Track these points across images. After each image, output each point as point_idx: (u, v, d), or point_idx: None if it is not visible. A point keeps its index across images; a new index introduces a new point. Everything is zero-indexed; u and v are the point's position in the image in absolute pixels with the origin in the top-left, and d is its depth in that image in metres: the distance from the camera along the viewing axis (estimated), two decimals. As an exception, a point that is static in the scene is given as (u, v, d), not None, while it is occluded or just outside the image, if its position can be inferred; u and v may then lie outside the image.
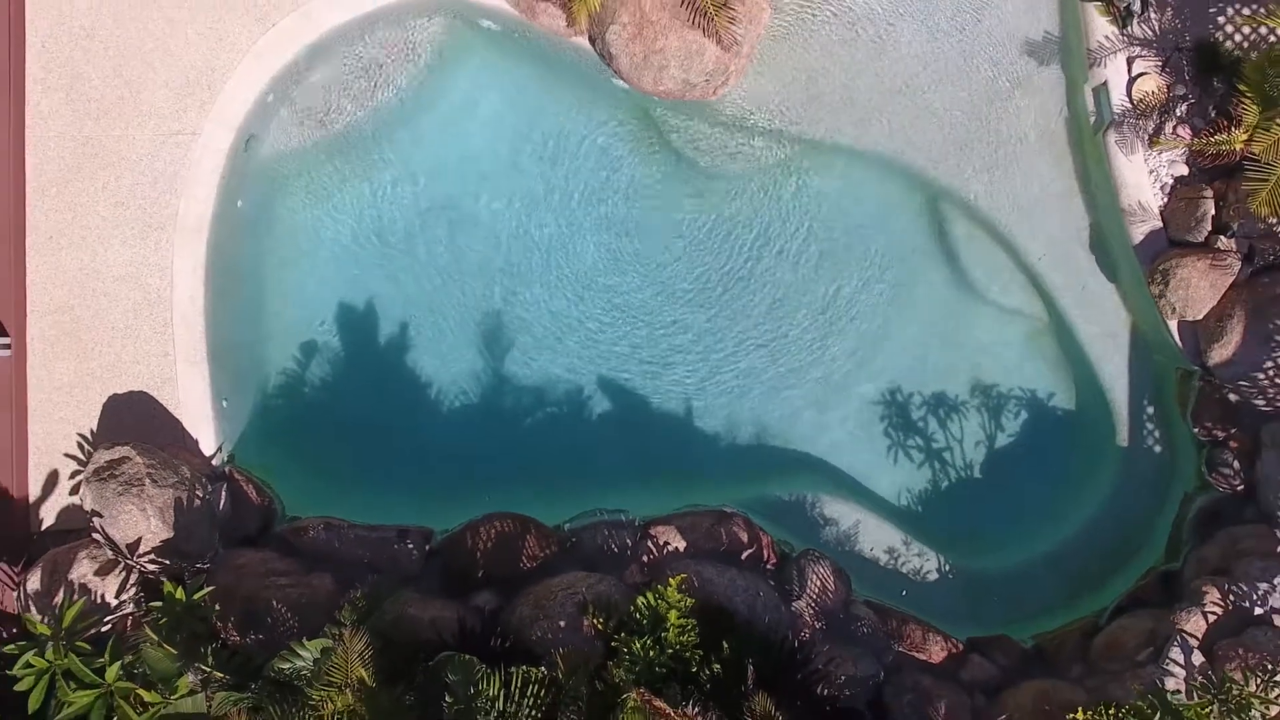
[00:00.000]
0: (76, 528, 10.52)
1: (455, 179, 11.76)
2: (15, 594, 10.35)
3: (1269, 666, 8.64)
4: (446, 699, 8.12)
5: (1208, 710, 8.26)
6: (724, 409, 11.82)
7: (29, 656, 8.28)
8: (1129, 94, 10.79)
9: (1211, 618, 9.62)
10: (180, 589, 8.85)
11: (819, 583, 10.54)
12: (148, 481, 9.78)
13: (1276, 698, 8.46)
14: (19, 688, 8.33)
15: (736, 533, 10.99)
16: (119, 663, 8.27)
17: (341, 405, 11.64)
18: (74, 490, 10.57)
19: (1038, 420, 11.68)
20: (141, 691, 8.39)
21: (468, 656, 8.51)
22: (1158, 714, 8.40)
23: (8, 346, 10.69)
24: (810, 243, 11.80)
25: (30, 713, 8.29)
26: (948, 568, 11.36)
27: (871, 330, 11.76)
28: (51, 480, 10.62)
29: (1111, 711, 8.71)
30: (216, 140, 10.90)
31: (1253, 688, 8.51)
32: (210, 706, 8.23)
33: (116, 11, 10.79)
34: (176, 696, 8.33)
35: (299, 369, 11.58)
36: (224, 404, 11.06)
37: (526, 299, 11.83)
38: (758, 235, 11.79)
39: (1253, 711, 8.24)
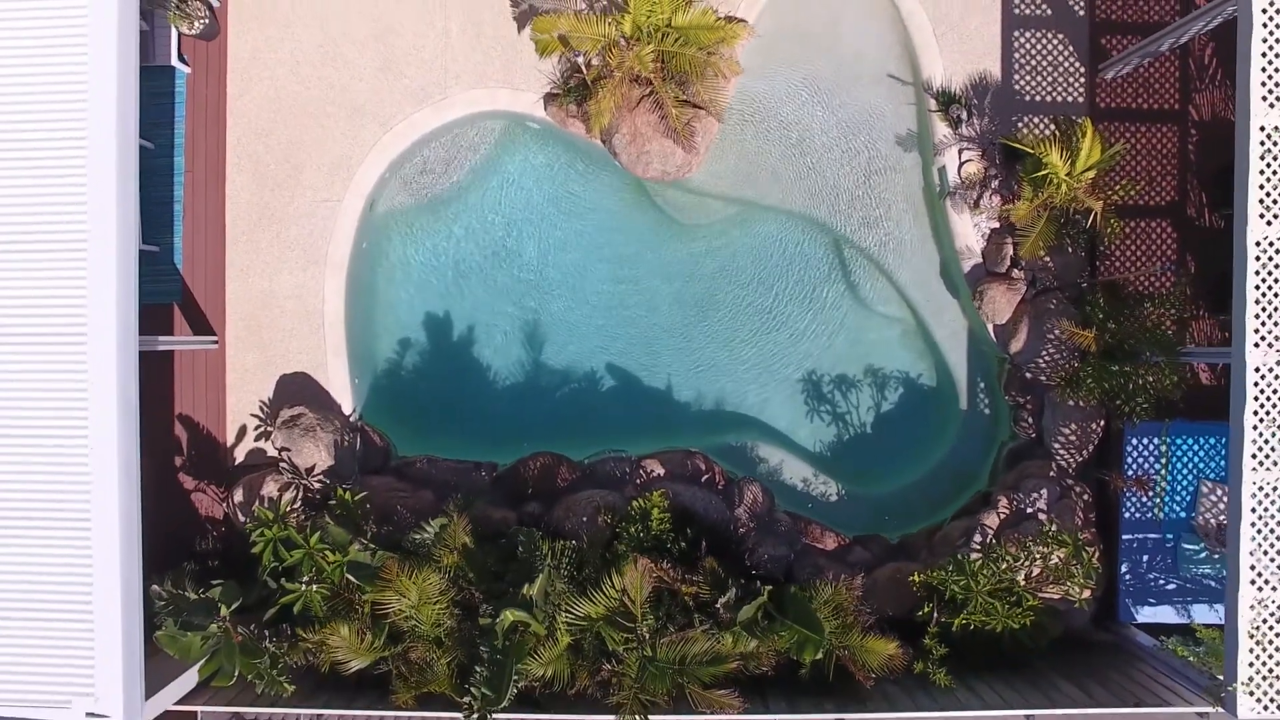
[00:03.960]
0: (258, 463, 13.54)
1: (507, 226, 14.22)
2: (223, 506, 13.43)
3: (1028, 542, 12.31)
4: (519, 550, 11.62)
5: (979, 564, 12.17)
6: (694, 385, 14.26)
7: (262, 529, 11.93)
8: (959, 173, 13.42)
9: (1002, 516, 13.00)
10: (347, 493, 12.36)
11: (752, 498, 13.28)
12: (318, 429, 13.01)
13: (1028, 558, 12.24)
14: (255, 550, 11.85)
15: (699, 465, 13.64)
16: (317, 534, 11.81)
17: (431, 382, 14.11)
18: (258, 439, 13.63)
19: (908, 392, 14.29)
20: (328, 552, 11.78)
21: (530, 528, 12.05)
22: (952, 566, 12.26)
23: (215, 342, 13.51)
24: (752, 270, 14.28)
25: (261, 566, 11.96)
26: (844, 491, 14.10)
27: (796, 332, 14.32)
28: (241, 433, 13.66)
29: (932, 572, 12.43)
30: (352, 205, 13.67)
31: (1014, 552, 12.22)
32: (373, 559, 11.72)
33: (286, 120, 13.57)
34: (349, 557, 11.84)
35: (399, 358, 14.16)
36: (355, 381, 13.79)
37: (556, 309, 14.24)
38: (717, 266, 14.31)
39: (1002, 563, 12.05)
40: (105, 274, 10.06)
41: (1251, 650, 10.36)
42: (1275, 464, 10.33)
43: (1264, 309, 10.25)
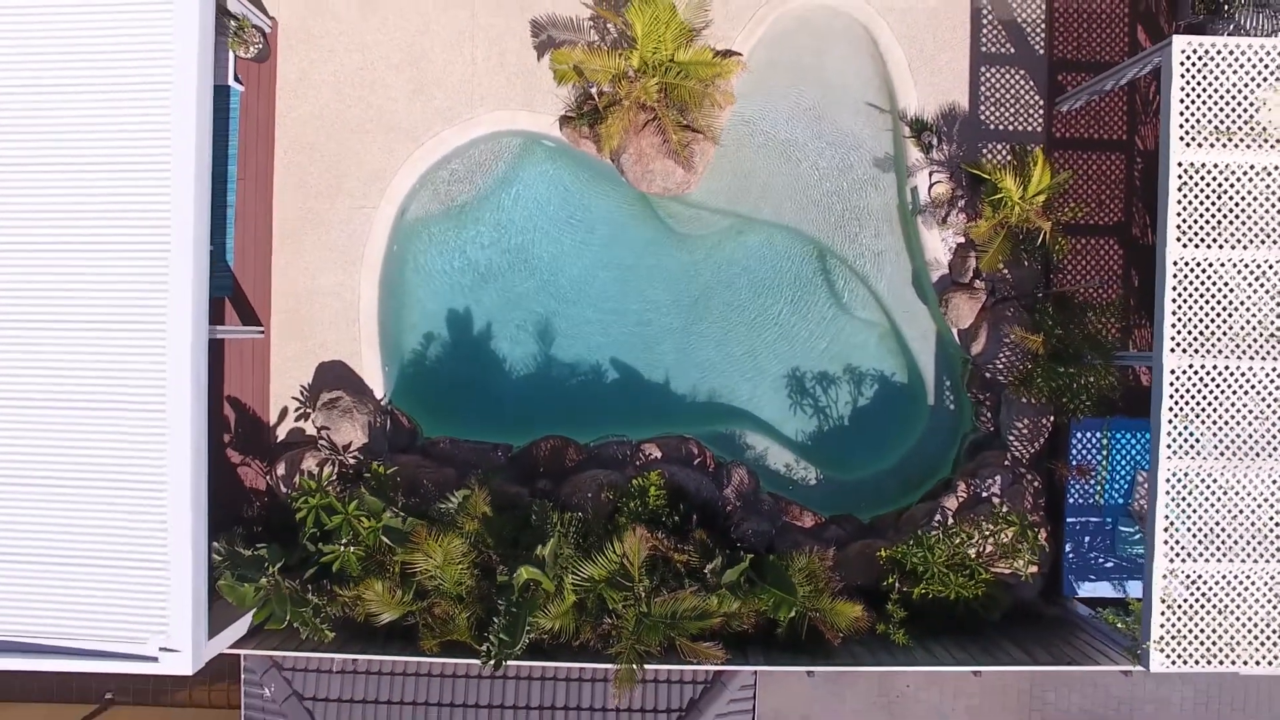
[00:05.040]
0: (297, 441, 14.97)
1: (521, 232, 15.44)
2: (266, 479, 14.89)
3: (981, 521, 13.88)
4: (532, 519, 13.03)
5: (936, 540, 13.72)
6: (690, 378, 15.46)
7: (305, 498, 13.33)
8: (929, 193, 14.66)
9: (961, 499, 14.48)
10: (380, 468, 13.73)
11: (739, 479, 14.59)
12: (355, 410, 14.41)
13: (980, 534, 13.75)
14: (299, 516, 13.18)
15: (692, 449, 14.90)
16: (355, 502, 13.23)
17: (454, 371, 15.37)
18: (298, 419, 15.02)
19: (882, 389, 15.52)
20: (364, 518, 13.09)
21: (543, 500, 13.43)
22: (912, 542, 13.75)
23: (261, 331, 14.80)
24: (745, 277, 15.50)
25: (303, 531, 13.25)
26: (822, 476, 15.38)
27: (783, 332, 15.49)
28: (283, 414, 15.00)
29: (897, 548, 13.92)
30: (386, 211, 14.95)
31: (967, 530, 13.71)
32: (404, 525, 13.08)
33: (329, 135, 14.88)
34: (382, 523, 13.18)
35: (425, 349, 15.44)
36: (386, 369, 15.07)
37: (566, 309, 15.44)
38: (712, 272, 15.48)
39: (956, 539, 13.60)
40: (183, 273, 11.68)
41: (1163, 614, 11.97)
42: (1187, 453, 11.92)
43: (1179, 319, 11.84)
